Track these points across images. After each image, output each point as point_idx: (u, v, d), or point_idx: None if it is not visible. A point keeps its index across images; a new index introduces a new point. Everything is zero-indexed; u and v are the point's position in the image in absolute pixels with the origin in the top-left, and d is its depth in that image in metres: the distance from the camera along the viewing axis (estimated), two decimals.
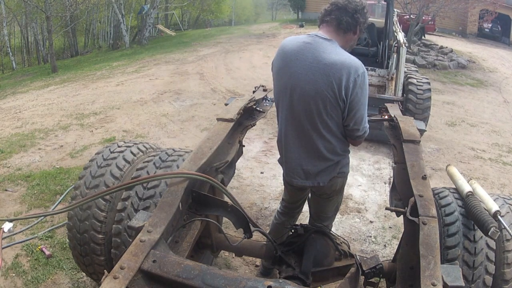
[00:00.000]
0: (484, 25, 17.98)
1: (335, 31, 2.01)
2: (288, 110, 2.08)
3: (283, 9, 38.10)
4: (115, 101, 7.53)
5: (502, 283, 1.92)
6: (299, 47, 2.00)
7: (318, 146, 2.08)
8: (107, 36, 24.78)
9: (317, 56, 1.94)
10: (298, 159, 2.15)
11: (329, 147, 2.09)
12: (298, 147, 2.13)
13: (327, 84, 1.91)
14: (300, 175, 2.19)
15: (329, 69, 1.90)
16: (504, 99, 9.10)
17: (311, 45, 1.97)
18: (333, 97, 1.93)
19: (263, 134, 5.81)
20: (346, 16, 1.97)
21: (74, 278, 2.82)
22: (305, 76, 1.95)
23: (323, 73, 1.91)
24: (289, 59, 2.01)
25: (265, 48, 13.66)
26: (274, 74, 2.16)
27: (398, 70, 5.54)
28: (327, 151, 2.09)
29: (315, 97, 1.96)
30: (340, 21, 1.98)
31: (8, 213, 3.59)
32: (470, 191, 2.02)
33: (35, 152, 5.09)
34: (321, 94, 1.93)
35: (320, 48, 1.95)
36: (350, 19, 1.97)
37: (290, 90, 2.03)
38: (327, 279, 2.15)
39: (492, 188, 4.59)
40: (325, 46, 1.95)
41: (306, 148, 2.11)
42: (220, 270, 1.55)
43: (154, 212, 1.75)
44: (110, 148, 2.43)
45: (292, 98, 2.03)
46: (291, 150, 2.15)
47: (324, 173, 2.16)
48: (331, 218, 2.59)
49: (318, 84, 1.92)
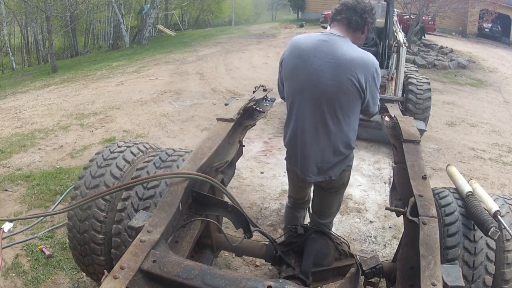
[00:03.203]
0: (484, 25, 17.97)
1: (346, 29, 2.10)
2: (309, 107, 2.11)
3: (283, 9, 38.08)
4: (115, 101, 7.53)
5: (502, 283, 1.92)
6: (316, 45, 2.06)
7: (336, 141, 2.15)
8: (107, 36, 24.77)
9: (336, 52, 2.01)
10: (315, 157, 2.19)
11: (345, 141, 2.17)
12: (316, 144, 2.17)
13: (349, 79, 2.00)
14: (314, 172, 2.24)
15: (350, 64, 1.99)
16: (504, 99, 9.10)
17: (328, 42, 2.05)
18: (356, 89, 2.02)
19: (263, 134, 5.81)
20: (356, 16, 2.06)
21: (74, 278, 2.82)
22: (326, 73, 2.02)
23: (344, 69, 1.99)
24: (307, 57, 2.06)
25: (265, 48, 13.66)
26: (288, 73, 2.18)
27: (398, 70, 5.54)
28: (343, 145, 2.17)
29: (337, 92, 2.03)
30: (350, 21, 2.07)
31: (8, 213, 3.59)
32: (470, 191, 2.02)
33: (35, 152, 5.09)
34: (344, 88, 2.01)
35: (337, 45, 2.03)
36: (359, 19, 2.07)
37: (310, 87, 2.07)
38: (327, 279, 2.15)
39: (492, 188, 4.59)
40: (341, 43, 2.04)
41: (324, 145, 2.16)
42: (220, 270, 1.55)
43: (154, 212, 1.75)
44: (110, 148, 2.43)
45: (313, 95, 2.08)
46: (309, 147, 2.18)
47: (336, 167, 2.23)
48: (334, 214, 2.67)
49: (341, 79, 2.00)
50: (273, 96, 3.27)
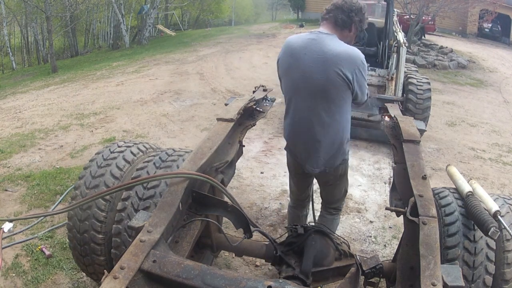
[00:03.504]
0: (484, 25, 17.98)
1: (333, 27, 2.24)
2: (304, 102, 2.27)
3: (283, 9, 38.08)
4: (115, 101, 7.53)
5: (502, 283, 1.92)
6: (306, 43, 2.22)
7: (331, 132, 2.29)
8: (107, 36, 24.77)
9: (323, 49, 2.16)
10: (311, 149, 2.34)
11: (340, 130, 2.31)
12: (312, 137, 2.31)
13: (337, 72, 2.14)
14: (310, 163, 2.38)
15: (336, 59, 2.14)
16: (504, 99, 9.11)
17: (316, 40, 2.20)
18: (344, 82, 2.16)
19: (263, 134, 5.81)
20: (342, 15, 2.20)
21: (74, 278, 2.82)
22: (316, 69, 2.17)
23: (331, 63, 2.14)
24: (298, 55, 2.22)
25: (265, 48, 13.66)
26: (283, 72, 2.34)
27: (398, 70, 5.54)
28: (337, 135, 2.31)
29: (327, 86, 2.18)
30: (336, 19, 2.21)
31: (8, 213, 3.59)
32: (470, 191, 2.02)
33: (35, 152, 5.09)
34: (333, 81, 2.16)
35: (324, 42, 2.18)
36: (346, 17, 2.20)
37: (304, 83, 2.23)
38: (327, 279, 2.15)
39: (492, 188, 4.59)
40: (328, 40, 2.18)
41: (320, 136, 2.30)
42: (220, 270, 1.55)
43: (154, 212, 1.75)
44: (110, 148, 2.43)
45: (307, 90, 2.23)
46: (306, 140, 2.34)
47: (331, 159, 2.37)
48: (341, 200, 2.77)
49: (329, 73, 2.15)
50: (273, 96, 3.28)
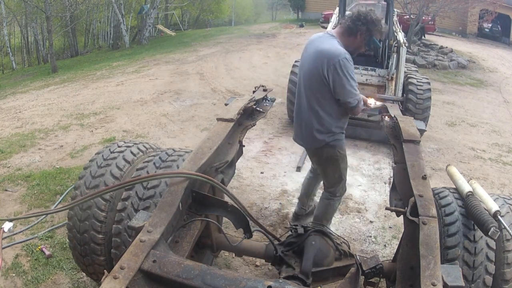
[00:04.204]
0: (484, 25, 17.97)
1: (342, 32, 2.57)
2: (304, 92, 2.69)
3: (283, 9, 38.07)
4: (115, 101, 7.53)
5: (502, 283, 1.92)
6: (313, 40, 2.67)
7: (319, 119, 2.64)
8: (107, 36, 24.77)
9: (318, 46, 2.55)
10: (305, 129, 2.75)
11: (326, 120, 2.64)
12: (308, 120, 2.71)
13: (318, 67, 2.49)
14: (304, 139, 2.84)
15: (318, 55, 2.51)
16: (504, 99, 9.11)
17: (320, 38, 2.62)
18: (321, 76, 2.48)
19: (263, 134, 5.81)
20: (350, 22, 2.51)
21: (74, 278, 2.82)
22: (309, 62, 2.59)
23: (316, 58, 2.52)
24: (306, 50, 2.71)
25: (265, 48, 13.65)
26: (299, 66, 2.83)
27: (398, 70, 5.54)
28: (323, 123, 2.65)
29: (313, 78, 2.56)
30: (345, 25, 2.54)
31: (8, 213, 3.59)
32: (470, 191, 2.03)
33: (35, 152, 5.09)
34: (316, 75, 2.52)
35: (321, 41, 2.56)
36: (352, 25, 2.50)
37: (303, 76, 2.67)
38: (327, 279, 2.15)
39: (492, 188, 4.59)
40: (326, 40, 2.54)
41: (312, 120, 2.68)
42: (220, 270, 1.55)
43: (154, 212, 1.75)
44: (110, 148, 2.43)
45: (304, 82, 2.66)
46: (303, 121, 2.76)
47: (317, 140, 2.72)
48: (336, 185, 2.96)
49: (315, 66, 2.52)
50: (273, 96, 3.28)
